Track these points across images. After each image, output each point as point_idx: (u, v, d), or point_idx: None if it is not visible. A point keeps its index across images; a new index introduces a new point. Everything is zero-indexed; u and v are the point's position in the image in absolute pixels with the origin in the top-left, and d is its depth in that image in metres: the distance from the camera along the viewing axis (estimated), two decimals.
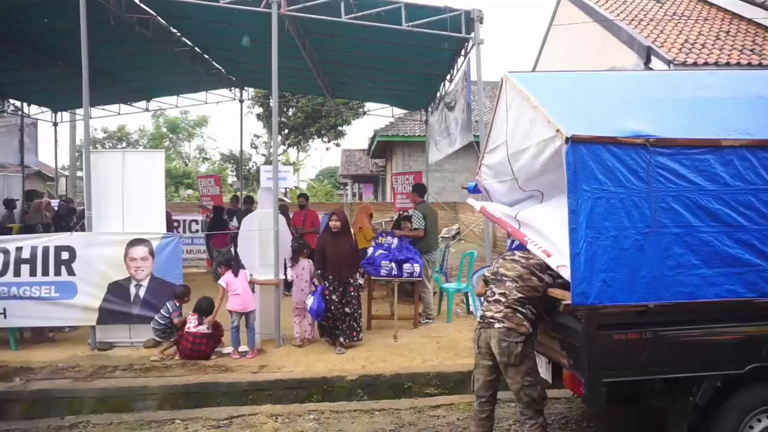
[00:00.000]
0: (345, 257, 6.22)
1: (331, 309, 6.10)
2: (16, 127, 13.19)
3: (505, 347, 3.46)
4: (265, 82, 13.67)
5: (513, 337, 3.46)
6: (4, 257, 6.19)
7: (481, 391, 3.71)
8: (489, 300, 3.67)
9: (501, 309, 3.54)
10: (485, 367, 3.66)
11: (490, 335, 3.54)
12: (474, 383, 3.76)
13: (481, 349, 3.63)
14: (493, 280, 3.73)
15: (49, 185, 27.96)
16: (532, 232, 3.86)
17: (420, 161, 19.12)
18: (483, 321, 3.64)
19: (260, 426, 4.61)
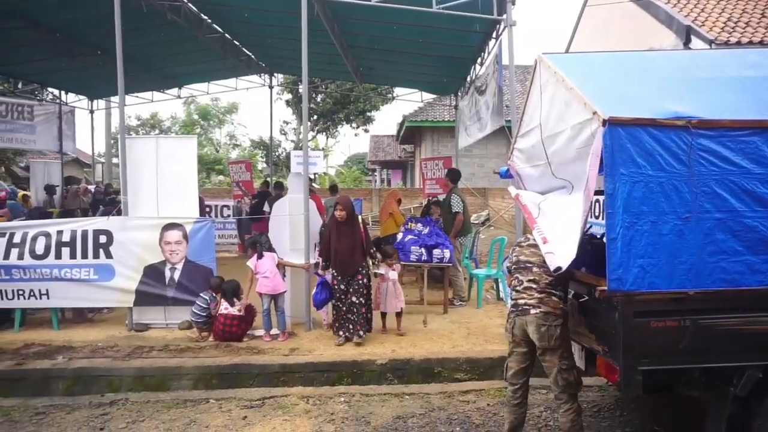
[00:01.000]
0: (351, 248, 5.81)
1: (341, 299, 5.86)
2: (55, 115, 13.55)
3: (545, 332, 3.46)
4: (294, 67, 13.74)
5: (551, 320, 3.47)
6: (46, 240, 6.42)
7: (514, 379, 3.71)
8: (518, 289, 3.67)
9: (534, 295, 3.54)
10: (520, 355, 3.67)
11: (527, 321, 3.53)
12: (507, 371, 3.77)
13: (516, 336, 3.63)
14: (517, 269, 3.72)
15: (86, 171, 28.78)
16: (543, 219, 3.81)
17: (449, 146, 18.97)
18: (516, 309, 3.62)
19: (292, 407, 4.69)
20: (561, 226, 3.54)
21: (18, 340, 6.15)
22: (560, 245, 3.40)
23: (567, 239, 3.37)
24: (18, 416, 4.72)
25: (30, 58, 10.97)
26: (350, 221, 5.87)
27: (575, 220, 3.37)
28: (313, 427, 4.30)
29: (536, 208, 3.94)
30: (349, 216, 5.84)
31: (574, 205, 3.46)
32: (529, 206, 4.02)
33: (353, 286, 5.86)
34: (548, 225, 3.69)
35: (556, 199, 4.00)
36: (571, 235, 3.34)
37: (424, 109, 21.20)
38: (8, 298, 6.45)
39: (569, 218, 3.46)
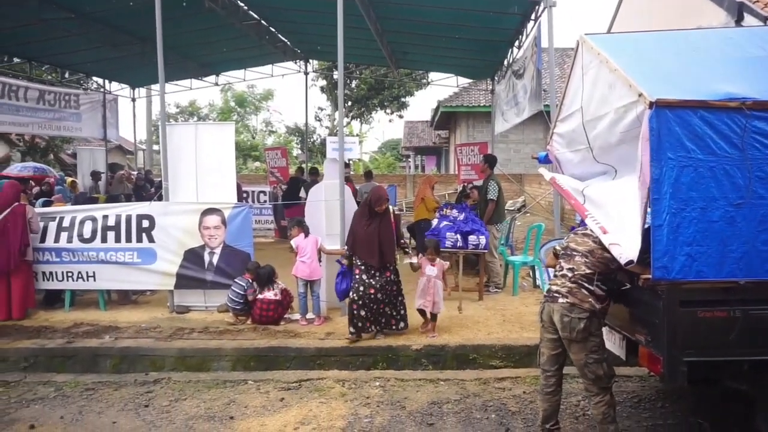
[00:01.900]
0: (383, 240, 5.57)
1: (359, 291, 5.50)
2: (99, 104, 13.96)
3: (567, 322, 3.37)
4: (329, 53, 13.76)
5: (576, 312, 3.35)
6: (93, 225, 6.66)
7: (546, 365, 3.65)
8: (557, 274, 3.61)
9: (566, 283, 3.46)
10: (550, 341, 3.60)
11: (554, 309, 3.47)
12: (540, 357, 3.71)
13: (545, 322, 3.58)
14: (563, 255, 3.63)
15: (128, 158, 29.66)
16: (594, 207, 3.70)
17: (485, 132, 18.71)
18: (548, 295, 3.57)
19: (328, 390, 4.75)
20: (617, 216, 3.40)
21: (68, 320, 6.43)
22: (624, 237, 3.25)
23: (629, 230, 3.23)
24: (70, 391, 4.95)
25: (76, 49, 11.31)
26: (386, 211, 5.77)
27: (633, 209, 3.23)
28: (348, 411, 4.35)
29: (580, 195, 3.83)
30: (387, 208, 5.79)
31: (627, 192, 3.33)
32: (571, 192, 3.92)
33: (379, 282, 5.57)
34: (602, 214, 3.57)
35: (601, 186, 3.89)
36: (633, 226, 3.20)
37: (460, 94, 20.94)
38: (58, 279, 6.75)
39: (624, 207, 3.32)
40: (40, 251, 6.71)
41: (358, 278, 5.59)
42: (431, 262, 5.75)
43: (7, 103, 11.03)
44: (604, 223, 3.49)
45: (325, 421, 4.17)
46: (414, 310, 5.80)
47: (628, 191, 3.32)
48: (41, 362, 5.57)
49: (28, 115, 11.70)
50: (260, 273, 6.13)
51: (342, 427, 4.06)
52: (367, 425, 4.10)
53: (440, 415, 4.26)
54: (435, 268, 5.73)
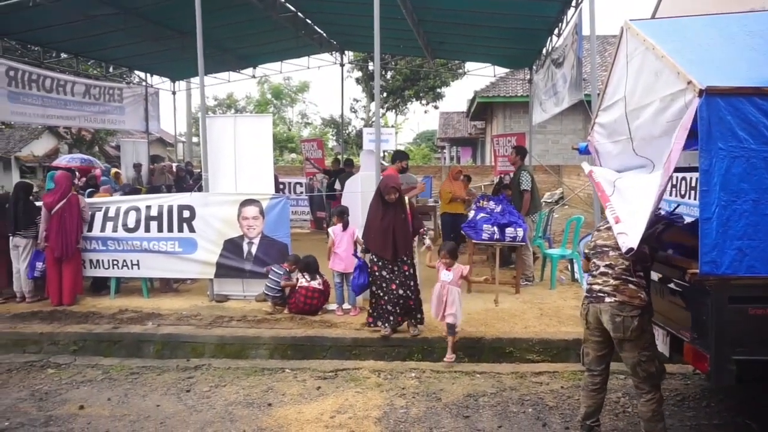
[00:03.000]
0: (396, 232, 5.37)
1: (383, 287, 5.41)
2: (141, 97, 14.33)
3: (619, 322, 3.24)
4: (365, 45, 13.73)
5: (627, 310, 3.24)
6: (137, 215, 6.87)
7: (593, 365, 3.56)
8: (594, 274, 3.47)
9: (609, 281, 3.33)
10: (595, 342, 3.49)
11: (601, 310, 3.34)
12: (584, 357, 3.62)
13: (590, 324, 3.46)
14: (595, 254, 3.52)
15: (168, 150, 30.44)
16: (618, 197, 3.58)
17: (522, 123, 18.39)
18: (591, 295, 3.44)
19: (364, 380, 4.79)
20: (635, 204, 3.32)
21: (113, 306, 6.67)
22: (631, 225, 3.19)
23: (637, 217, 3.17)
24: (116, 374, 5.15)
25: (120, 43, 11.62)
26: (400, 201, 5.51)
27: (649, 196, 3.14)
28: (384, 401, 4.38)
29: (610, 186, 3.72)
30: (399, 197, 5.49)
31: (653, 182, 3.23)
32: (602, 184, 3.81)
33: (399, 277, 5.41)
34: (622, 203, 3.48)
35: (634, 178, 3.77)
36: (642, 214, 3.13)
37: (496, 84, 20.61)
38: (104, 267, 7.01)
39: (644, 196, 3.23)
40: (88, 240, 6.97)
41: (378, 275, 5.44)
42: (447, 266, 5.20)
43: (55, 97, 11.44)
44: (620, 213, 3.40)
45: (361, 410, 4.21)
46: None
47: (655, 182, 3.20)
48: (89, 346, 5.81)
49: (75, 108, 12.12)
50: (307, 262, 6.20)
51: (378, 417, 4.09)
52: (403, 416, 4.12)
53: (476, 408, 4.24)
54: (450, 273, 5.17)
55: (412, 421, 4.04)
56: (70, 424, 4.12)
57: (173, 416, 4.21)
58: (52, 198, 6.69)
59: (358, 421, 4.04)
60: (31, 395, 4.72)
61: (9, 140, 25.30)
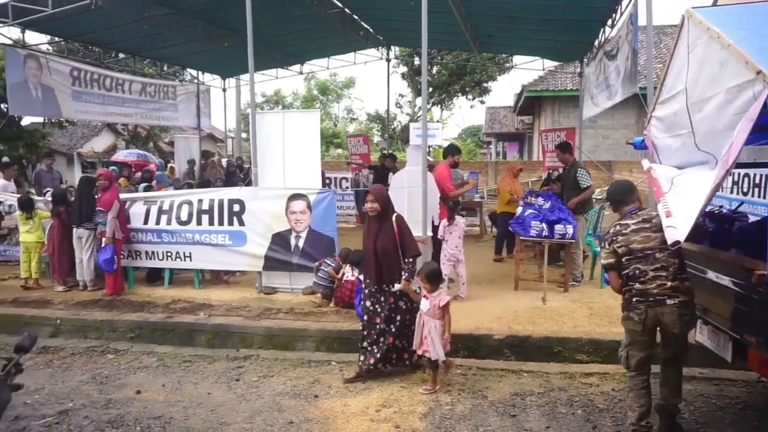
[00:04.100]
0: (381, 253, 4.51)
1: (364, 319, 4.70)
2: (194, 94, 14.80)
3: (687, 321, 3.40)
4: (411, 39, 13.68)
5: (691, 308, 3.42)
6: (189, 208, 7.10)
7: (641, 367, 3.57)
8: (642, 280, 3.41)
9: (667, 284, 3.34)
10: (644, 343, 3.52)
11: (663, 312, 3.36)
12: (629, 360, 3.59)
13: (647, 327, 3.45)
14: (634, 259, 3.44)
15: (218, 146, 31.29)
16: (673, 193, 3.43)
17: (571, 117, 17.93)
18: (646, 299, 3.40)
19: (409, 375, 4.79)
20: (688, 199, 3.19)
21: (167, 296, 6.92)
22: (681, 218, 3.10)
23: (689, 211, 3.06)
24: (170, 362, 5.35)
25: (174, 42, 12.04)
26: (384, 216, 4.58)
27: (703, 191, 3.00)
28: (429, 397, 4.36)
29: (668, 183, 3.55)
30: (383, 210, 4.57)
31: (710, 178, 3.07)
32: (660, 180, 3.65)
33: (383, 308, 4.59)
34: (676, 199, 3.34)
35: (694, 174, 3.59)
36: (695, 207, 3.01)
37: (545, 78, 20.16)
38: (159, 258, 7.28)
39: (699, 190, 3.09)
40: (144, 232, 7.26)
41: (363, 303, 4.75)
42: (427, 292, 4.46)
43: (115, 95, 11.97)
44: (672, 207, 3.27)
45: (406, 405, 4.21)
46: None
47: (711, 177, 3.05)
48: (145, 334, 6.05)
49: (132, 106, 12.64)
50: (354, 257, 6.24)
51: (423, 413, 4.08)
52: (448, 412, 4.10)
53: (523, 407, 4.17)
54: (428, 302, 4.41)
55: (458, 418, 4.01)
56: (128, 407, 4.31)
57: (224, 404, 4.34)
58: (116, 192, 7.05)
59: (404, 416, 4.05)
60: (92, 378, 4.96)
61: (72, 137, 26.63)
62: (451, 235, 6.36)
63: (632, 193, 3.75)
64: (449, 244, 6.37)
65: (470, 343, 5.34)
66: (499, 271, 8.08)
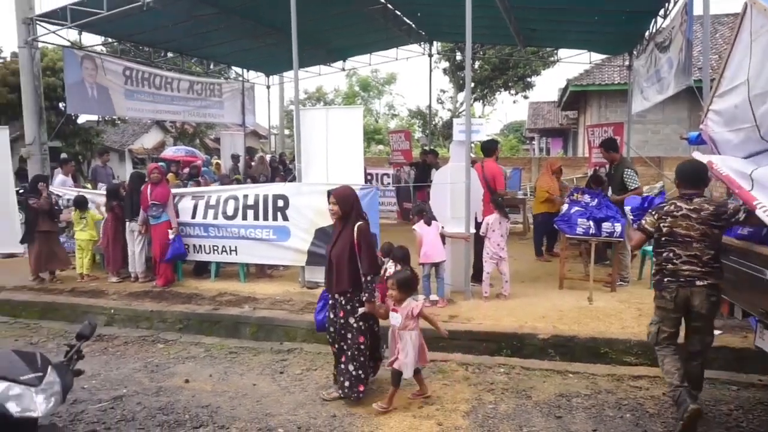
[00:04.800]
0: (334, 260, 4.15)
1: (330, 330, 4.32)
2: (239, 92, 15.11)
3: (714, 302, 3.65)
4: (453, 34, 13.59)
5: (717, 291, 3.65)
6: (235, 203, 7.26)
7: (668, 341, 3.83)
8: (675, 262, 3.70)
9: (697, 269, 3.63)
10: (674, 320, 3.80)
11: (693, 292, 3.65)
12: (660, 335, 3.84)
13: (677, 305, 3.72)
14: (673, 242, 3.72)
15: (262, 142, 31.88)
16: (762, 191, 3.22)
17: (618, 112, 17.38)
18: (678, 279, 3.69)
19: (451, 372, 4.77)
20: None
21: (213, 289, 7.11)
22: None
23: None
24: (216, 353, 5.49)
25: (220, 41, 12.32)
26: (344, 221, 4.21)
27: None
28: (472, 395, 4.33)
29: (746, 180, 3.39)
30: (344, 214, 4.20)
31: None
32: (734, 177, 3.48)
33: (340, 323, 4.19)
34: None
35: None
36: None
37: (591, 72, 19.57)
38: (206, 252, 7.48)
39: None
40: (191, 226, 7.46)
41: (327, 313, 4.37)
42: (396, 302, 4.08)
43: (164, 93, 12.35)
44: None
45: (449, 402, 4.19)
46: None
47: None
48: (193, 325, 6.23)
49: (180, 104, 13.01)
50: (397, 254, 6.23)
51: (466, 411, 4.05)
52: (492, 411, 4.05)
53: (569, 409, 4.08)
54: (398, 316, 4.04)
55: (501, 418, 3.96)
56: (177, 395, 4.45)
57: (268, 396, 4.42)
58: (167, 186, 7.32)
59: (446, 413, 4.03)
60: (144, 366, 5.15)
61: (123, 134, 27.69)
62: (494, 232, 6.28)
63: (699, 178, 3.83)
64: (492, 242, 6.29)
65: (513, 342, 5.26)
66: (543, 269, 7.93)
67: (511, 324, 5.50)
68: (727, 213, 3.60)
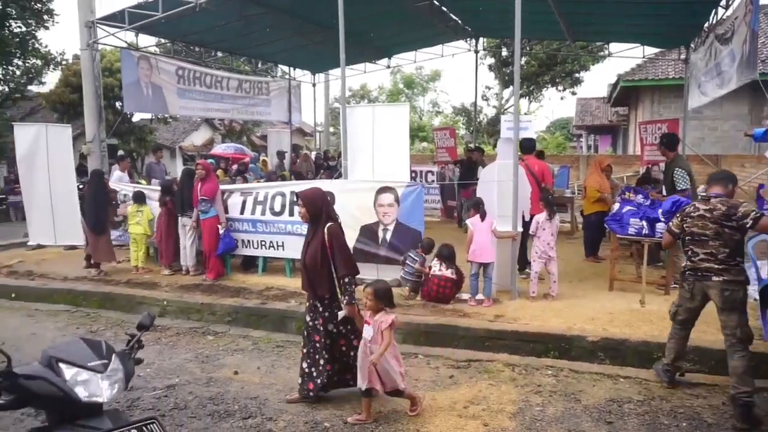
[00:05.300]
0: (307, 264, 4.03)
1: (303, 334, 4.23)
2: (285, 90, 15.36)
3: (728, 296, 3.86)
4: (500, 30, 13.39)
5: (733, 285, 3.86)
6: (282, 200, 7.39)
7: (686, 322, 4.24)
8: (693, 259, 4.04)
9: (713, 266, 3.91)
10: (693, 309, 4.16)
11: (708, 286, 3.95)
12: (678, 315, 4.26)
13: (695, 296, 4.09)
14: (692, 241, 4.05)
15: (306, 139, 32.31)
16: None
17: (673, 108, 16.68)
18: (696, 273, 4.03)
19: (497, 373, 4.71)
20: None
21: (261, 283, 7.26)
22: None
23: None
24: (264, 346, 5.61)
25: (268, 40, 12.55)
26: (313, 222, 4.06)
27: None
28: (519, 396, 4.26)
29: None
30: (313, 216, 4.04)
31: None
32: None
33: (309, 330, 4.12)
34: None
35: None
36: None
37: (644, 67, 18.87)
38: (254, 247, 7.65)
39: None
40: (240, 221, 7.64)
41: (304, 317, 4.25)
42: (372, 312, 3.78)
43: (214, 92, 12.69)
44: None
45: (495, 403, 4.14)
46: None
47: None
48: (241, 318, 6.39)
49: (230, 102, 13.34)
50: (443, 252, 6.22)
51: (512, 412, 3.99)
52: (539, 414, 3.98)
53: (620, 415, 3.96)
54: (371, 328, 3.75)
55: (549, 421, 3.88)
56: (227, 386, 4.57)
57: None
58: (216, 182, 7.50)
59: (492, 414, 3.98)
60: (195, 357, 5.32)
61: (174, 132, 28.64)
62: (545, 231, 6.15)
63: (722, 181, 4.10)
64: (542, 241, 6.16)
65: (561, 344, 5.15)
66: (592, 270, 7.73)
67: (559, 325, 5.38)
68: (737, 215, 3.83)
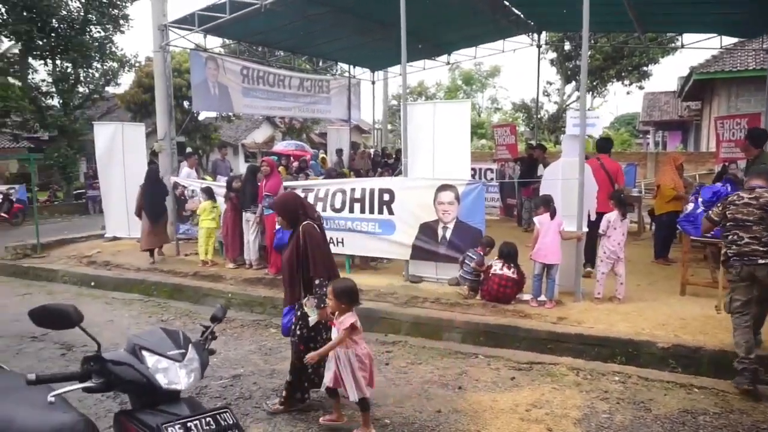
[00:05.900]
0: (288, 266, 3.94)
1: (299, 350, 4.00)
2: (345, 87, 15.51)
3: None
4: (564, 23, 12.96)
5: None
6: (343, 197, 7.48)
7: (743, 309, 4.29)
8: (738, 243, 4.27)
9: (759, 249, 4.17)
10: (745, 289, 4.29)
11: (756, 269, 4.19)
12: (733, 303, 4.36)
13: (744, 280, 4.25)
14: (736, 226, 4.30)
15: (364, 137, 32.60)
16: None
17: (753, 102, 15.68)
18: (742, 258, 4.25)
19: (561, 377, 4.58)
20: None
21: None
22: None
23: None
24: None
25: (329, 39, 12.71)
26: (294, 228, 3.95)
27: None
28: (584, 401, 4.13)
29: None
30: (291, 221, 3.95)
31: None
32: None
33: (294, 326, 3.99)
34: None
35: None
36: None
37: (719, 58, 17.80)
38: None
39: None
40: None
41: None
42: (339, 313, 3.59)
43: (276, 91, 12.99)
44: None
45: (558, 408, 4.03)
46: None
47: None
48: None
49: (291, 100, 13.62)
50: (505, 250, 6.11)
51: (577, 418, 3.88)
52: (606, 421, 3.84)
53: (695, 427, 3.76)
54: (335, 330, 3.63)
55: (617, 429, 3.74)
56: None
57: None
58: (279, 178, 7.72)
59: (556, 419, 3.88)
60: (258, 349, 5.48)
61: (237, 129, 29.63)
62: (616, 231, 5.92)
63: (764, 174, 4.41)
64: (611, 241, 5.93)
65: (629, 349, 4.95)
66: (662, 273, 7.37)
67: (627, 330, 5.18)
68: None
